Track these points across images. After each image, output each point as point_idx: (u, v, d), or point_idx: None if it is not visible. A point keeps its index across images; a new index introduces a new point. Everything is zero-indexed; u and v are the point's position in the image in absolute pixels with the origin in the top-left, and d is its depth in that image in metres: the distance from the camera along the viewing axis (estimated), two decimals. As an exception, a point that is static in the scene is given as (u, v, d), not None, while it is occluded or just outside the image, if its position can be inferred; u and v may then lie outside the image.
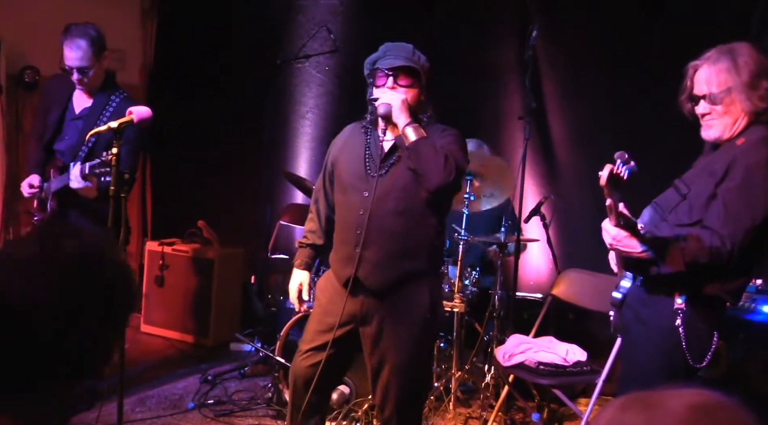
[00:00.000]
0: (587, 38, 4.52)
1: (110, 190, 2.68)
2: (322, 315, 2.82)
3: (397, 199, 2.66)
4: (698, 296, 2.35)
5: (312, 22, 5.32)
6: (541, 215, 4.14)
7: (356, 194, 2.71)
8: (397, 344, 2.71)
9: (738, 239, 2.23)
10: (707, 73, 2.39)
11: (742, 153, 2.32)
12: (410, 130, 2.59)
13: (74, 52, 3.52)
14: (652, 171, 2.60)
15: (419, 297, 2.72)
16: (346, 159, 2.81)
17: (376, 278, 2.70)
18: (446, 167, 2.53)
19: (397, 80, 2.67)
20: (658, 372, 2.43)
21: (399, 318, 2.71)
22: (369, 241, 2.67)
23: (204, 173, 5.68)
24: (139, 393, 4.09)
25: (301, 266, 2.99)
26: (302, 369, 2.82)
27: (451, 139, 2.68)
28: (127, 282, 1.21)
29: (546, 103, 4.67)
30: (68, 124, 3.69)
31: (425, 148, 2.57)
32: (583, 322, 4.12)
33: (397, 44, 2.73)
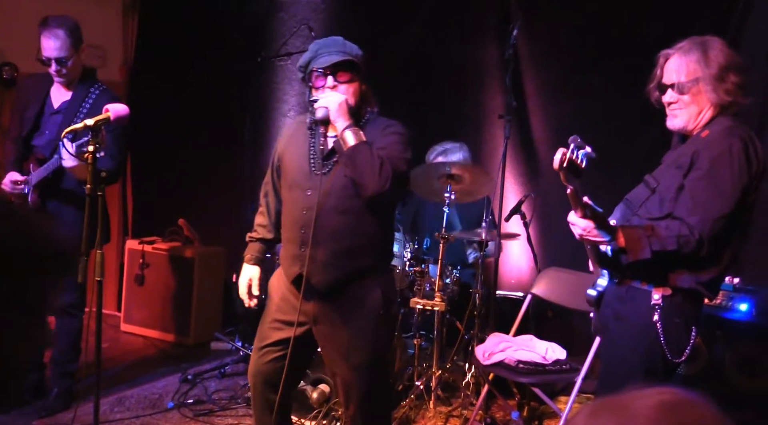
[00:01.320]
0: (568, 36, 4.54)
1: (87, 188, 2.66)
2: (275, 312, 2.79)
3: (340, 198, 2.62)
4: (675, 291, 2.37)
5: (294, 20, 5.30)
6: (522, 214, 4.15)
7: (300, 192, 2.67)
8: (353, 342, 2.70)
9: (706, 228, 2.25)
10: (677, 62, 2.42)
11: (706, 144, 2.35)
12: (349, 135, 2.53)
13: (53, 42, 3.49)
14: (633, 168, 2.62)
15: (370, 294, 2.70)
16: (291, 155, 2.77)
17: (323, 277, 2.66)
18: (381, 175, 2.48)
19: (337, 78, 2.60)
20: (637, 368, 2.45)
21: (351, 316, 2.70)
22: (314, 241, 2.62)
23: (185, 171, 5.65)
24: (118, 393, 4.06)
25: (251, 261, 2.93)
26: (259, 367, 2.79)
27: (393, 138, 2.62)
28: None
29: (527, 102, 4.68)
30: (47, 119, 3.65)
31: (361, 155, 2.50)
32: (562, 321, 4.13)
33: (328, 40, 2.66)
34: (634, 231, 2.30)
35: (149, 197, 5.82)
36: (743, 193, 2.30)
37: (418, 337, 4.04)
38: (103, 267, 2.71)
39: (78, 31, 3.60)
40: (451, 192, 3.88)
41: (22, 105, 3.76)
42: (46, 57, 3.54)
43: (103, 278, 2.72)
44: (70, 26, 3.56)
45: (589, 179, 3.85)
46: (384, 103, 5.01)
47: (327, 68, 2.58)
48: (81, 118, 3.40)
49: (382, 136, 2.62)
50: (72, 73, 3.61)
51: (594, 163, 4.15)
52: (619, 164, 4.03)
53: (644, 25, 4.20)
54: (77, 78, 3.66)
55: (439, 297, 3.82)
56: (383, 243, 2.78)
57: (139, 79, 5.78)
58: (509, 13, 4.61)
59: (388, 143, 2.59)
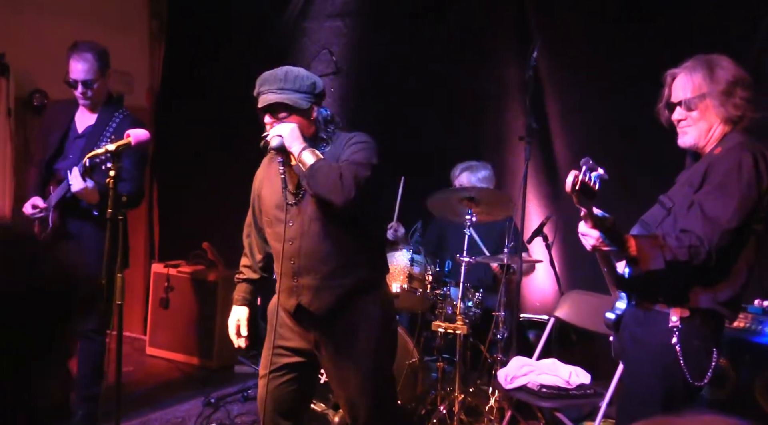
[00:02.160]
0: (590, 57, 4.51)
1: (107, 212, 2.69)
2: (277, 339, 2.81)
3: (317, 222, 2.63)
4: (693, 312, 2.33)
5: (317, 45, 5.35)
6: (544, 236, 4.11)
7: (281, 226, 2.68)
8: (356, 363, 2.72)
9: (715, 240, 2.24)
10: (683, 80, 2.44)
11: (717, 159, 2.35)
12: (306, 155, 2.53)
13: (80, 65, 3.57)
14: (657, 189, 2.59)
15: (368, 312, 2.72)
16: (266, 193, 2.81)
17: (317, 303, 2.69)
18: (344, 185, 2.47)
19: (276, 115, 2.62)
20: (656, 391, 2.41)
21: (351, 337, 2.71)
22: (303, 269, 2.67)
23: (209, 195, 5.70)
24: (142, 417, 4.08)
25: (239, 302, 2.99)
26: (265, 395, 2.80)
27: (354, 147, 2.61)
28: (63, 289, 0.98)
29: (550, 123, 4.66)
30: (71, 144, 3.69)
31: (320, 172, 2.50)
32: (586, 344, 4.06)
33: (268, 75, 2.63)
34: (646, 241, 2.28)
35: (175, 221, 5.88)
36: (753, 206, 2.29)
37: (441, 361, 4.00)
38: (123, 292, 2.73)
39: (106, 57, 3.67)
40: (472, 214, 3.86)
41: (46, 129, 3.81)
42: (73, 79, 3.60)
43: (123, 302, 2.74)
44: (99, 51, 3.63)
45: (612, 200, 3.85)
46: (405, 126, 5.05)
47: (263, 108, 2.63)
48: (104, 142, 3.42)
49: (345, 148, 2.62)
50: (97, 97, 3.67)
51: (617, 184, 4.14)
52: (643, 185, 3.99)
53: (668, 46, 4.16)
54: (102, 102, 3.71)
55: (460, 320, 3.79)
56: (374, 258, 2.80)
57: (165, 105, 5.87)
58: (530, 35, 4.61)
59: (349, 153, 2.59)
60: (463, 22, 4.90)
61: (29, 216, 3.61)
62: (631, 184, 4.17)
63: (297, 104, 2.59)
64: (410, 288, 3.97)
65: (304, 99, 2.60)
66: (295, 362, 2.79)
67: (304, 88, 2.61)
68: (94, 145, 3.52)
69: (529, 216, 4.53)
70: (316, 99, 2.65)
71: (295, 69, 2.65)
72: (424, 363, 4.08)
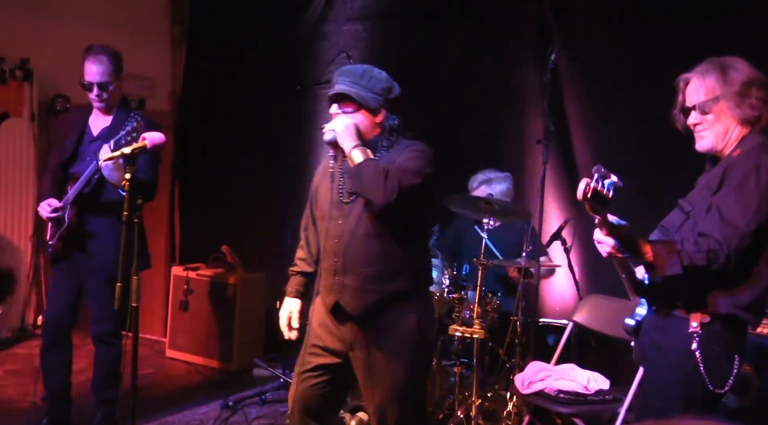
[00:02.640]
0: (610, 60, 4.46)
1: (123, 215, 2.71)
2: (314, 338, 2.81)
3: (367, 223, 2.63)
4: (714, 318, 2.29)
5: (336, 48, 5.36)
6: (562, 240, 4.07)
7: (332, 222, 2.70)
8: (388, 368, 2.69)
9: (734, 243, 2.19)
10: (696, 84, 2.41)
11: (736, 161, 2.31)
12: (356, 153, 2.53)
13: (95, 67, 3.58)
14: (678, 193, 2.55)
15: (406, 319, 2.69)
16: (323, 188, 2.81)
17: (356, 303, 2.67)
18: (386, 186, 2.46)
19: (341, 106, 2.64)
20: (676, 398, 2.37)
21: (387, 342, 2.68)
22: (346, 268, 2.66)
23: (229, 198, 5.73)
24: (160, 419, 4.09)
25: (292, 294, 2.97)
26: (299, 393, 2.80)
27: (410, 154, 2.61)
28: None
29: (570, 126, 4.62)
30: (87, 147, 3.67)
31: (366, 170, 2.50)
32: (606, 350, 4.01)
33: (347, 68, 2.69)
34: (663, 247, 2.23)
35: (195, 224, 5.93)
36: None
37: (459, 365, 3.97)
38: (139, 294, 2.74)
39: (120, 60, 3.69)
40: (490, 218, 3.84)
41: (62, 134, 3.81)
42: (88, 82, 3.61)
43: (139, 304, 2.75)
44: (114, 53, 3.65)
45: (632, 204, 3.80)
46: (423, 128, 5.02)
47: (331, 96, 2.65)
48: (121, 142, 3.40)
49: (401, 154, 2.62)
50: (112, 99, 3.67)
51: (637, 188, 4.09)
52: (663, 189, 3.93)
53: (689, 49, 4.10)
54: (116, 105, 3.72)
55: (478, 324, 3.76)
56: (417, 267, 2.75)
57: (185, 109, 5.92)
58: (549, 37, 4.57)
59: (403, 159, 2.59)
60: (482, 26, 4.88)
61: (45, 217, 3.60)
62: (651, 187, 4.11)
63: (364, 101, 2.61)
64: (427, 292, 3.95)
65: (373, 99, 2.62)
66: (330, 363, 2.76)
67: (378, 89, 2.62)
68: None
69: (548, 219, 4.48)
70: (388, 103, 2.66)
71: (376, 70, 2.68)
72: (442, 367, 4.06)
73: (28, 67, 5.30)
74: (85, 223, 3.61)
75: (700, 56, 2.49)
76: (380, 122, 2.65)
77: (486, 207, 3.84)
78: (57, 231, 3.60)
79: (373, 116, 2.64)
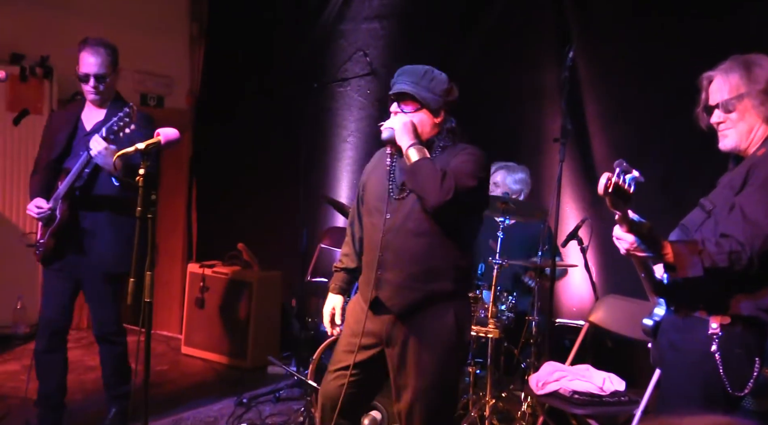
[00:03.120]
0: (629, 58, 4.41)
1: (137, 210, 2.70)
2: (350, 335, 2.80)
3: (416, 221, 2.63)
4: (735, 319, 2.24)
5: (353, 47, 5.36)
6: (579, 239, 4.03)
7: (379, 216, 2.70)
8: (421, 366, 2.67)
9: (757, 245, 2.14)
10: (719, 82, 2.36)
11: (761, 161, 2.25)
12: (413, 152, 2.57)
13: (94, 58, 3.50)
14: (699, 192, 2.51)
15: (443, 319, 2.67)
16: (373, 182, 2.82)
17: (397, 300, 2.67)
18: (443, 186, 2.48)
19: (401, 106, 2.67)
20: (695, 401, 2.32)
21: (423, 340, 2.67)
22: (390, 263, 2.66)
23: (245, 196, 5.74)
24: (174, 415, 4.10)
25: (335, 290, 2.98)
26: (330, 390, 2.80)
27: (465, 157, 2.62)
28: None
29: (588, 125, 4.57)
30: (80, 141, 3.54)
31: (423, 168, 2.53)
32: (623, 351, 3.97)
33: (408, 68, 2.71)
34: (684, 247, 2.19)
35: (211, 222, 5.94)
36: None
37: (474, 365, 3.95)
38: (152, 289, 2.74)
39: (117, 54, 3.61)
40: (506, 218, 3.81)
41: (53, 130, 3.68)
42: (84, 73, 3.53)
43: (152, 299, 2.75)
44: (111, 46, 3.57)
45: (652, 203, 3.75)
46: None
47: (392, 95, 2.68)
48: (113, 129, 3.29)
49: (456, 156, 2.63)
50: (107, 92, 3.59)
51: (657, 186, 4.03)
52: (684, 188, 3.88)
53: (708, 47, 4.05)
54: (110, 99, 3.63)
55: (492, 323, 3.73)
56: (461, 268, 2.73)
57: (203, 107, 5.94)
58: (568, 37, 4.53)
59: (458, 161, 2.60)
60: (500, 23, 4.85)
61: (34, 216, 3.51)
62: (672, 186, 4.06)
63: (425, 101, 2.65)
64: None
65: (434, 100, 2.66)
66: (364, 360, 2.76)
67: (438, 90, 2.67)
68: None
69: (564, 219, 4.45)
70: (447, 105, 2.70)
71: (437, 71, 2.71)
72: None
73: (48, 64, 5.34)
74: (79, 219, 3.51)
75: (720, 52, 2.44)
76: (439, 123, 2.69)
77: (502, 206, 3.81)
78: (48, 230, 3.50)
79: (434, 117, 2.68)
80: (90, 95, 3.59)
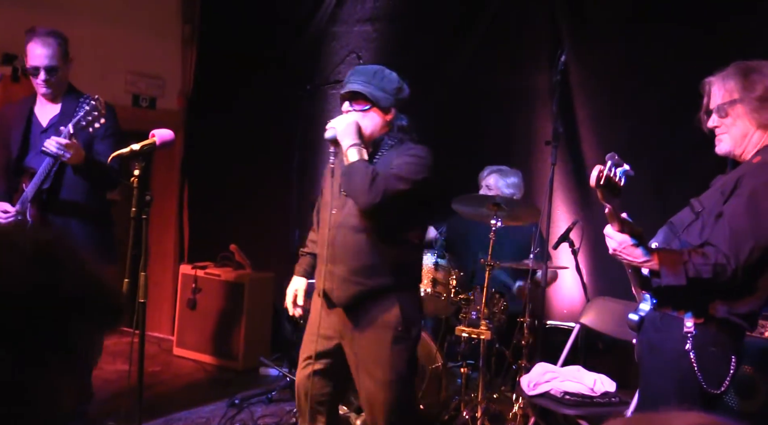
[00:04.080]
0: (620, 62, 4.45)
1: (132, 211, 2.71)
2: (310, 325, 2.92)
3: (357, 217, 2.73)
4: (709, 319, 2.28)
5: (346, 49, 5.37)
6: (570, 241, 4.06)
7: (329, 212, 2.80)
8: (371, 357, 2.77)
9: (741, 258, 2.18)
10: (717, 86, 2.39)
11: (752, 170, 2.28)
12: (352, 152, 2.65)
13: (44, 49, 3.32)
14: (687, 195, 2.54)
15: (388, 312, 2.76)
16: (327, 179, 2.92)
17: (341, 293, 2.78)
18: (371, 189, 2.57)
19: (352, 104, 2.75)
20: (671, 398, 2.36)
21: (369, 333, 2.77)
22: (336, 258, 2.77)
23: (238, 197, 5.74)
24: (166, 416, 4.11)
25: (299, 273, 3.10)
26: (300, 380, 2.91)
27: (406, 159, 2.69)
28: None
29: (579, 128, 4.60)
30: (38, 138, 3.38)
31: (356, 171, 2.61)
32: (613, 352, 4.00)
33: (360, 68, 2.81)
34: (670, 255, 2.23)
35: (203, 223, 5.94)
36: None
37: (465, 366, 3.97)
38: (146, 290, 2.75)
39: (67, 44, 3.45)
40: (498, 219, 3.83)
41: (5, 128, 3.51)
42: (33, 66, 3.35)
43: (146, 300, 2.76)
44: (61, 36, 3.41)
45: (642, 205, 3.79)
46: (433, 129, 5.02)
47: (344, 95, 2.76)
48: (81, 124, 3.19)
49: (399, 157, 2.70)
50: (59, 85, 3.43)
51: (647, 189, 4.06)
52: (673, 191, 3.93)
53: (700, 53, 4.09)
54: (63, 92, 3.47)
55: (484, 325, 3.75)
56: (404, 263, 2.83)
57: (196, 109, 5.93)
58: (560, 40, 4.56)
59: (398, 163, 2.68)
60: (493, 27, 4.88)
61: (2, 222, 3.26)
62: (661, 189, 4.10)
63: (376, 99, 2.73)
64: (434, 293, 3.95)
65: (384, 98, 2.74)
66: (327, 349, 2.86)
67: (389, 88, 2.75)
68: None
69: (556, 221, 4.48)
70: (398, 103, 2.78)
71: (387, 70, 2.80)
72: (448, 368, 4.05)
73: (40, 65, 5.32)
74: (51, 222, 3.37)
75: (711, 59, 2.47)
76: (390, 120, 2.76)
77: (494, 209, 3.84)
78: None
79: (384, 114, 2.75)
80: (41, 89, 3.42)
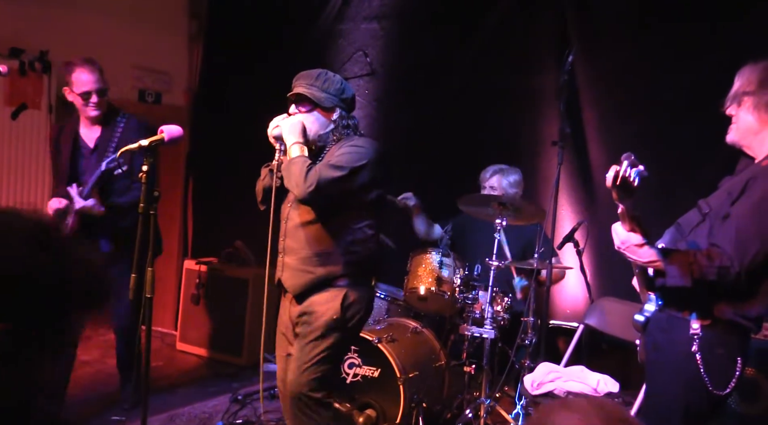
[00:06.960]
0: (627, 63, 4.44)
1: (139, 206, 2.72)
2: (279, 320, 3.16)
3: (303, 211, 2.88)
4: (715, 321, 2.29)
5: (353, 47, 5.37)
6: (575, 242, 4.06)
7: (284, 205, 3.02)
8: (302, 347, 2.90)
9: (746, 262, 2.19)
10: (744, 73, 2.38)
11: (763, 174, 2.27)
12: (294, 149, 2.84)
13: (91, 75, 3.67)
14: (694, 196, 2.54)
15: (331, 301, 2.87)
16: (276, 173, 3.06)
17: (292, 282, 2.95)
18: (306, 180, 2.71)
19: (298, 106, 2.94)
20: (678, 399, 2.37)
21: (311, 319, 2.89)
22: (288, 249, 2.95)
23: (243, 193, 5.72)
24: (170, 411, 4.12)
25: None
26: (279, 373, 3.11)
27: (344, 150, 2.82)
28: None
29: (586, 128, 4.60)
30: (86, 160, 3.75)
31: (294, 165, 2.78)
32: (617, 353, 4.00)
33: (304, 73, 2.96)
34: (676, 256, 2.23)
35: (208, 218, 5.94)
36: None
37: (469, 365, 3.98)
38: (153, 285, 2.76)
39: None
40: (503, 218, 3.83)
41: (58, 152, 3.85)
42: (85, 91, 3.67)
43: (153, 295, 2.77)
44: (96, 62, 3.74)
45: (649, 206, 3.78)
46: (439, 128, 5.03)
47: (290, 97, 2.93)
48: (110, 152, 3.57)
49: (339, 149, 2.84)
50: (105, 106, 3.76)
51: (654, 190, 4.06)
52: (679, 191, 3.92)
53: (706, 53, 4.09)
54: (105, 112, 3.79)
55: (488, 324, 3.76)
56: (354, 253, 2.91)
57: (202, 104, 5.94)
58: (567, 41, 4.56)
59: (337, 154, 2.82)
60: (500, 26, 4.87)
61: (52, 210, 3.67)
62: (669, 191, 4.09)
63: (319, 100, 2.90)
64: (438, 291, 3.96)
65: (328, 98, 2.91)
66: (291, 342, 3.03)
67: (332, 90, 2.91)
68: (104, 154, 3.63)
69: (561, 221, 4.48)
70: (342, 103, 2.93)
71: (330, 73, 2.97)
72: (451, 366, 4.06)
73: (47, 59, 5.33)
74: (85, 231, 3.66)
75: (720, 58, 2.47)
76: (334, 119, 2.91)
77: (500, 208, 3.84)
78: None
79: (328, 114, 2.91)
80: (92, 112, 3.72)
